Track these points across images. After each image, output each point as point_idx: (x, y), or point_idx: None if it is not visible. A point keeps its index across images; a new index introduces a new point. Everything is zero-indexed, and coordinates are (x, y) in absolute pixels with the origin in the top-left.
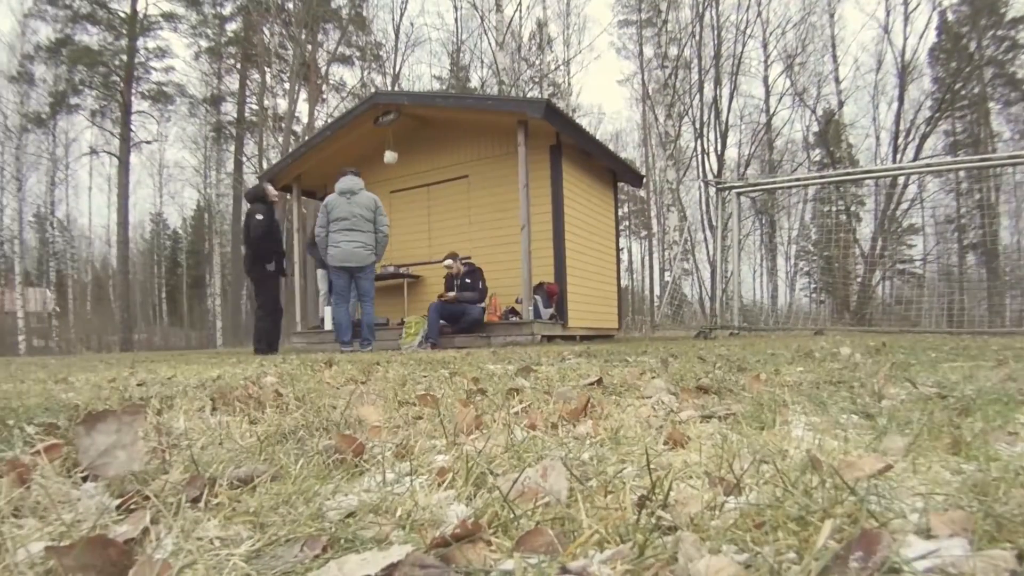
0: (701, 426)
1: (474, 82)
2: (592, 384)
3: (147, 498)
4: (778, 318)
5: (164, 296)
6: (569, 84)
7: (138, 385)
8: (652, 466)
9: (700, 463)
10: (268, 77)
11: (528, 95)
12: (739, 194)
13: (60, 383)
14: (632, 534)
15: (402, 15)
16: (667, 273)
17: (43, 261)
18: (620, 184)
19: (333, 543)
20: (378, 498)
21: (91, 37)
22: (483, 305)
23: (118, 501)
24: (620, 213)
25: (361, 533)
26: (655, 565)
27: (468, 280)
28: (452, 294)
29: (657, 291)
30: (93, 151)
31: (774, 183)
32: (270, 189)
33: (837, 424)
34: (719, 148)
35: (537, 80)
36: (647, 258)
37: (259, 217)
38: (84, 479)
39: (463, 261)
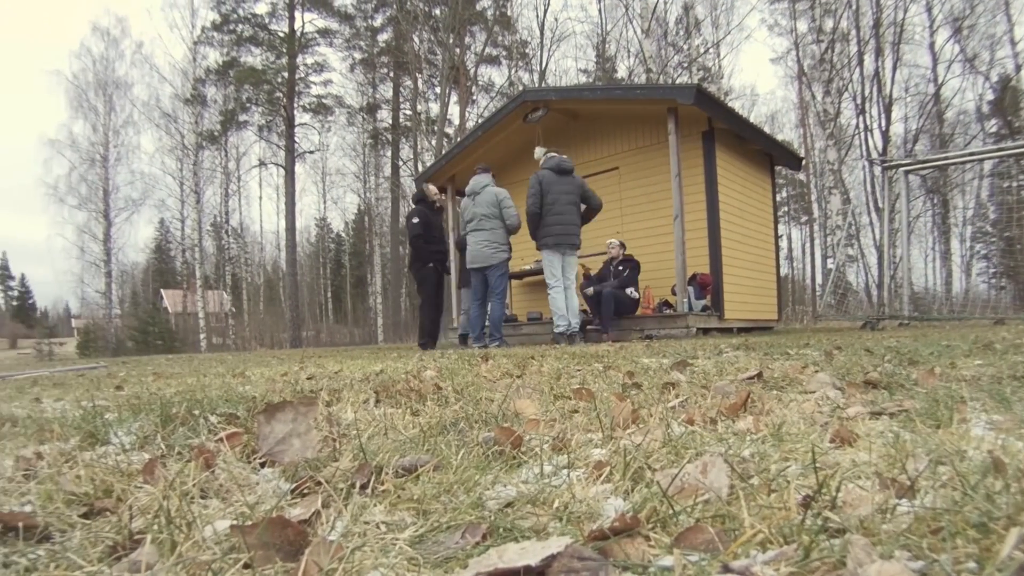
0: (870, 423)
1: (621, 72)
2: (751, 378)
3: (319, 484)
4: (953, 306)
5: (329, 295)
6: (719, 67)
7: (308, 379)
8: (818, 464)
9: (870, 462)
10: (420, 83)
11: (677, 81)
12: (907, 172)
13: (238, 377)
14: (797, 535)
15: (546, 11)
16: (830, 260)
17: (220, 266)
18: (777, 168)
19: (492, 531)
20: (536, 489)
21: (255, 58)
22: (635, 296)
23: (292, 486)
24: (778, 198)
25: (519, 523)
26: (821, 568)
27: (621, 267)
28: (589, 290)
29: (819, 280)
30: (262, 163)
31: (946, 159)
32: (430, 190)
33: (1023, 423)
34: (883, 124)
35: (686, 65)
36: (808, 245)
37: (415, 220)
38: (262, 465)
39: (624, 254)
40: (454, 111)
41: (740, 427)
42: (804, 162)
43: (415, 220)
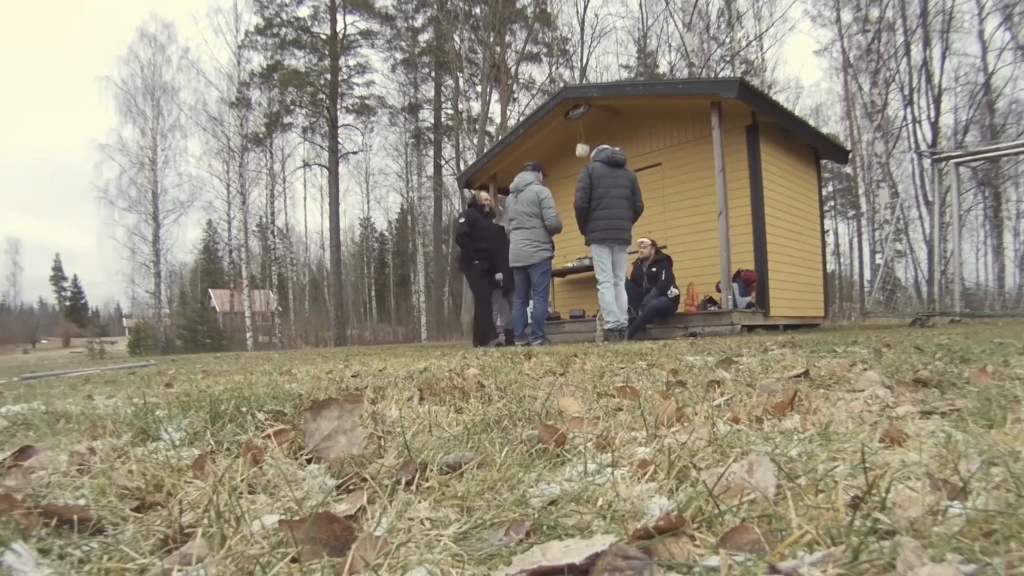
0: (920, 422)
1: (663, 67)
2: (798, 376)
3: (364, 480)
4: (1006, 303)
5: (373, 294)
6: (763, 59)
7: (352, 376)
8: (867, 465)
9: (920, 463)
10: (461, 82)
11: (720, 75)
12: (957, 164)
13: (284, 375)
14: (845, 536)
15: (586, 8)
16: (878, 255)
17: (266, 266)
18: (823, 161)
19: (536, 529)
20: (580, 488)
21: (298, 61)
22: (673, 295)
23: (338, 482)
24: (824, 192)
25: (563, 521)
26: (870, 571)
27: (655, 269)
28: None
29: (867, 275)
30: (306, 164)
31: (998, 150)
32: (481, 196)
33: None
34: (932, 115)
35: (728, 59)
36: (855, 240)
37: (462, 220)
38: (308, 461)
39: (660, 248)
40: (495, 109)
41: (787, 426)
42: (851, 155)
43: (462, 220)
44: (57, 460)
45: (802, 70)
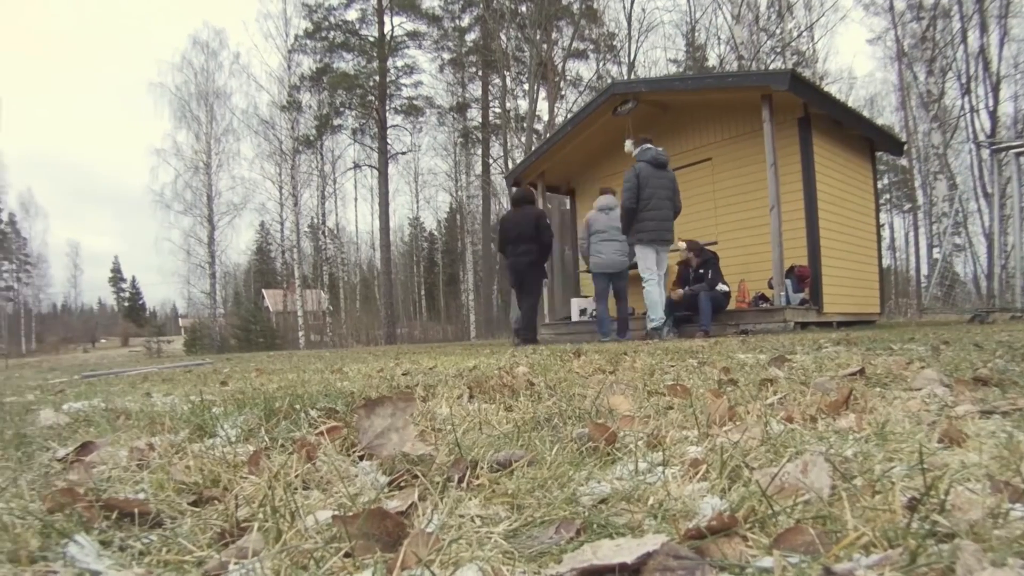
0: (980, 422)
1: (712, 61)
2: (853, 374)
3: (415, 477)
4: None
5: (423, 293)
6: (814, 50)
7: (403, 375)
8: (925, 465)
9: (980, 464)
10: (508, 80)
11: (770, 67)
12: (1018, 155)
13: (336, 373)
14: (902, 539)
15: (633, 2)
16: (936, 250)
17: (317, 266)
18: (878, 153)
19: (587, 527)
20: (630, 486)
21: (347, 63)
22: (724, 290)
23: (390, 478)
24: (880, 185)
25: (614, 520)
26: (928, 574)
27: (702, 270)
28: (680, 291)
29: (924, 270)
30: (356, 165)
31: None
32: (530, 191)
33: None
34: (990, 104)
35: (779, 50)
36: (912, 234)
37: (549, 220)
38: (360, 458)
39: (707, 245)
40: (543, 107)
41: (841, 425)
42: (906, 147)
43: (549, 220)
44: (117, 455)
45: (855, 60)
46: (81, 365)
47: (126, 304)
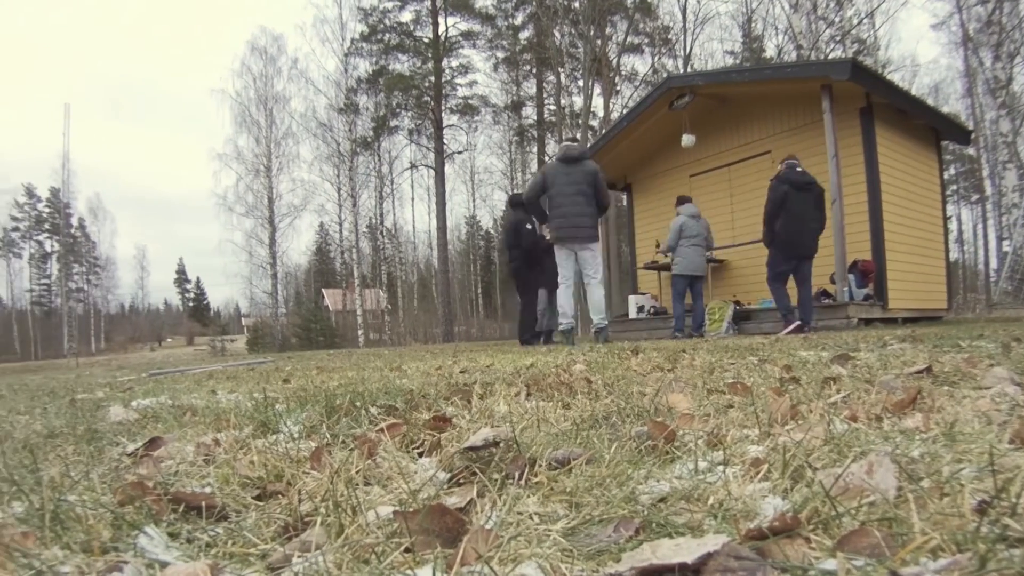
0: None
1: (769, 51)
2: (919, 372)
3: (474, 474)
4: None
5: (480, 291)
6: (875, 38)
7: (461, 372)
8: (995, 467)
9: None
10: (562, 77)
11: (830, 56)
12: None
13: (395, 371)
14: (972, 543)
15: None
16: (1006, 243)
17: (376, 266)
18: (944, 143)
19: (645, 526)
20: (690, 485)
21: (402, 65)
22: None
23: (449, 475)
24: (946, 176)
25: (673, 519)
26: None
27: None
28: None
29: (993, 264)
30: (413, 166)
31: None
32: None
33: None
34: None
35: (838, 39)
36: (980, 226)
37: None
38: (419, 455)
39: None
40: (598, 103)
41: (908, 425)
42: (973, 135)
43: (530, 226)
44: (184, 450)
45: (918, 46)
46: (148, 363)
47: (191, 304)
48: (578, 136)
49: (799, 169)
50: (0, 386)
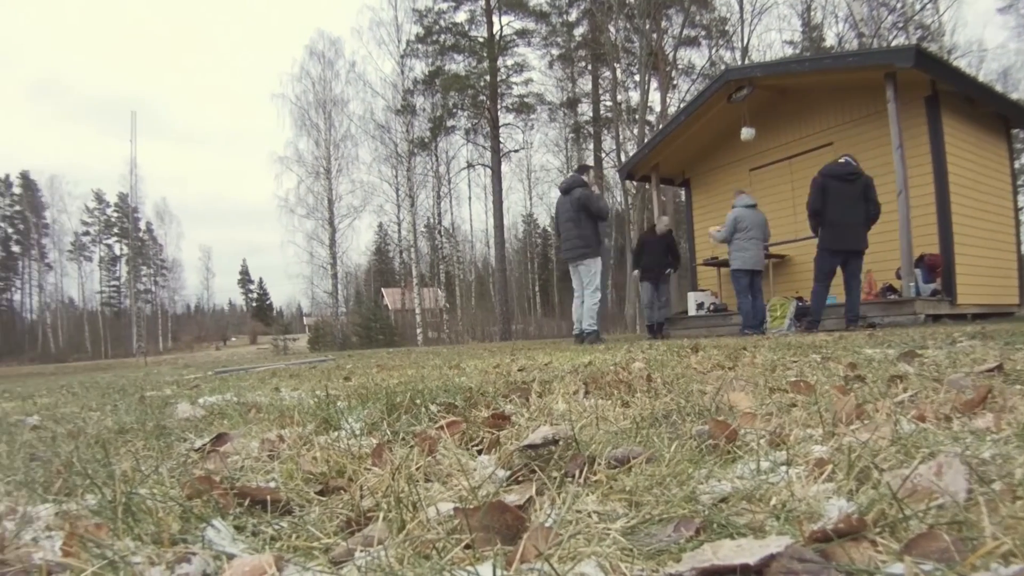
0: None
1: (830, 40)
2: (990, 371)
3: (533, 472)
4: None
5: (537, 289)
6: (939, 23)
7: (519, 370)
8: None
9: None
10: (618, 72)
11: (893, 44)
12: None
13: (453, 369)
14: None
15: None
16: None
17: (434, 265)
18: (1015, 131)
19: (706, 526)
20: (752, 486)
21: (458, 65)
22: None
23: (508, 473)
24: (1016, 166)
25: (734, 519)
26: None
27: None
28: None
29: None
30: (470, 165)
31: None
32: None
33: None
34: None
35: (901, 25)
36: None
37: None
38: (479, 452)
39: None
40: (655, 98)
41: (978, 425)
42: None
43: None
44: (249, 446)
45: (985, 31)
46: (213, 362)
47: (254, 304)
48: (588, 162)
49: (841, 160)
50: (72, 384)
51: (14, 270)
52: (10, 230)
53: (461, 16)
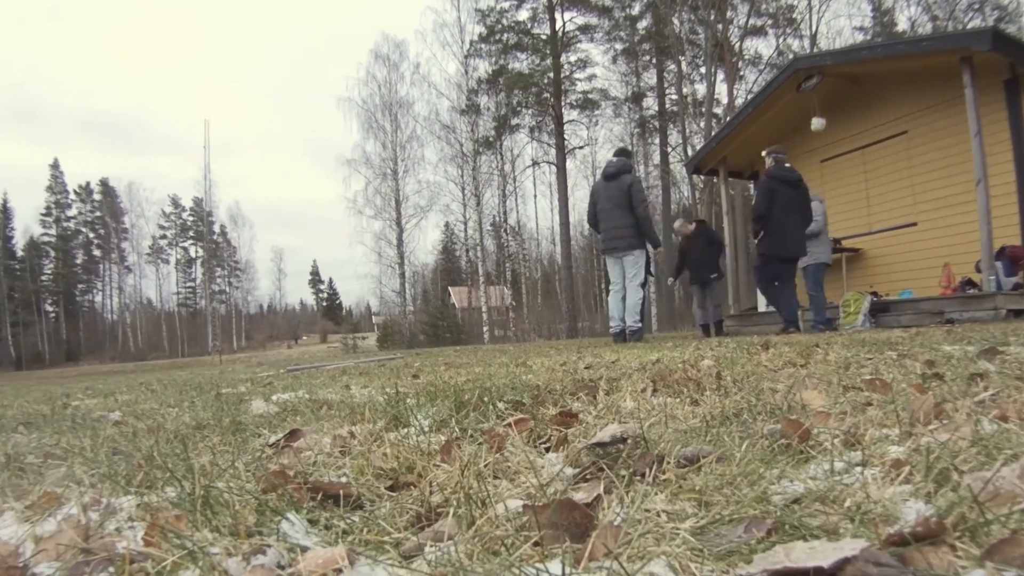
0: None
1: (902, 25)
2: None
3: (601, 470)
4: None
5: (603, 287)
6: (1017, 3)
7: (586, 368)
8: None
9: None
10: (683, 65)
11: (968, 26)
12: None
13: (520, 366)
14: None
15: None
16: None
17: (500, 263)
18: None
19: (778, 527)
20: (825, 487)
21: (521, 63)
22: None
23: (577, 471)
24: None
25: (807, 521)
26: None
27: None
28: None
29: None
30: (535, 163)
31: None
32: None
33: None
34: None
35: (976, 7)
36: None
37: None
38: (547, 449)
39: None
40: (721, 90)
41: None
42: None
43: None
44: (322, 442)
45: None
46: (286, 360)
47: (324, 304)
48: (629, 148)
49: (787, 165)
50: (151, 381)
51: (95, 273)
52: (91, 235)
53: (523, 14)
